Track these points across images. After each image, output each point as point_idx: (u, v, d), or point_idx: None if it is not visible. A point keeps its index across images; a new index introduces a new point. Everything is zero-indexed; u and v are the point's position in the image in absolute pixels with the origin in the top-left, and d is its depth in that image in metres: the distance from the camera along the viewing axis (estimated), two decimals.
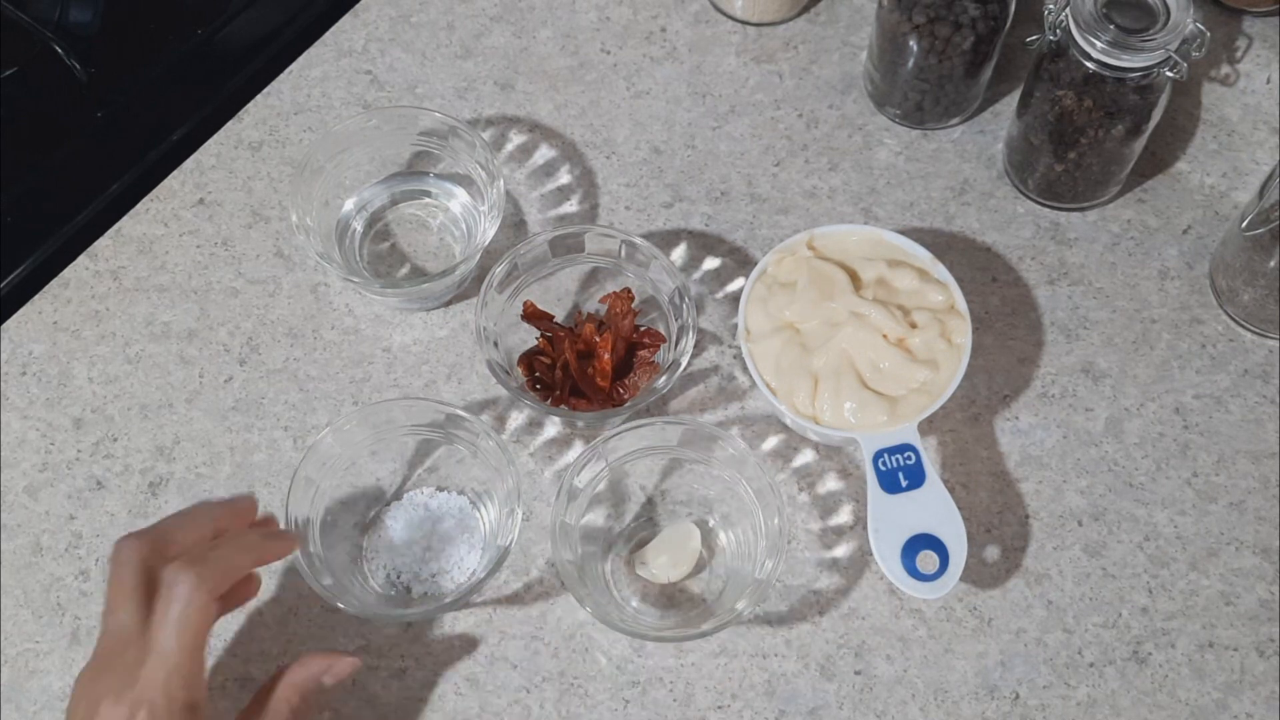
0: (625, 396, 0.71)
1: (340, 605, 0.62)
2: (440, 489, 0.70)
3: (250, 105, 0.81)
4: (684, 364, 0.68)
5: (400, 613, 0.66)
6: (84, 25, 0.81)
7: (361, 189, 0.77)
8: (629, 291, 0.72)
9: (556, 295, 0.74)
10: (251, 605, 0.68)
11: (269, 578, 0.68)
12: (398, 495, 0.70)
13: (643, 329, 0.72)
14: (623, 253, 0.72)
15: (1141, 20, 0.68)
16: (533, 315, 0.72)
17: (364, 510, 0.70)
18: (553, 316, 0.73)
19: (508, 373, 0.69)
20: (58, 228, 0.78)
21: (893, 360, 0.67)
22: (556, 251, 0.72)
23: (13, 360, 0.74)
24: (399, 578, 0.68)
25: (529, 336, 0.73)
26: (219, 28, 0.84)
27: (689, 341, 0.68)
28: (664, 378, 0.69)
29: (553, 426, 0.73)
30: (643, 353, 0.72)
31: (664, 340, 0.72)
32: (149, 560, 0.57)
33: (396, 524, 0.69)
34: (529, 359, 0.72)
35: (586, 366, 0.71)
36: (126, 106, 0.81)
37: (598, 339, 0.71)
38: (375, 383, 0.73)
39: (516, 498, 0.64)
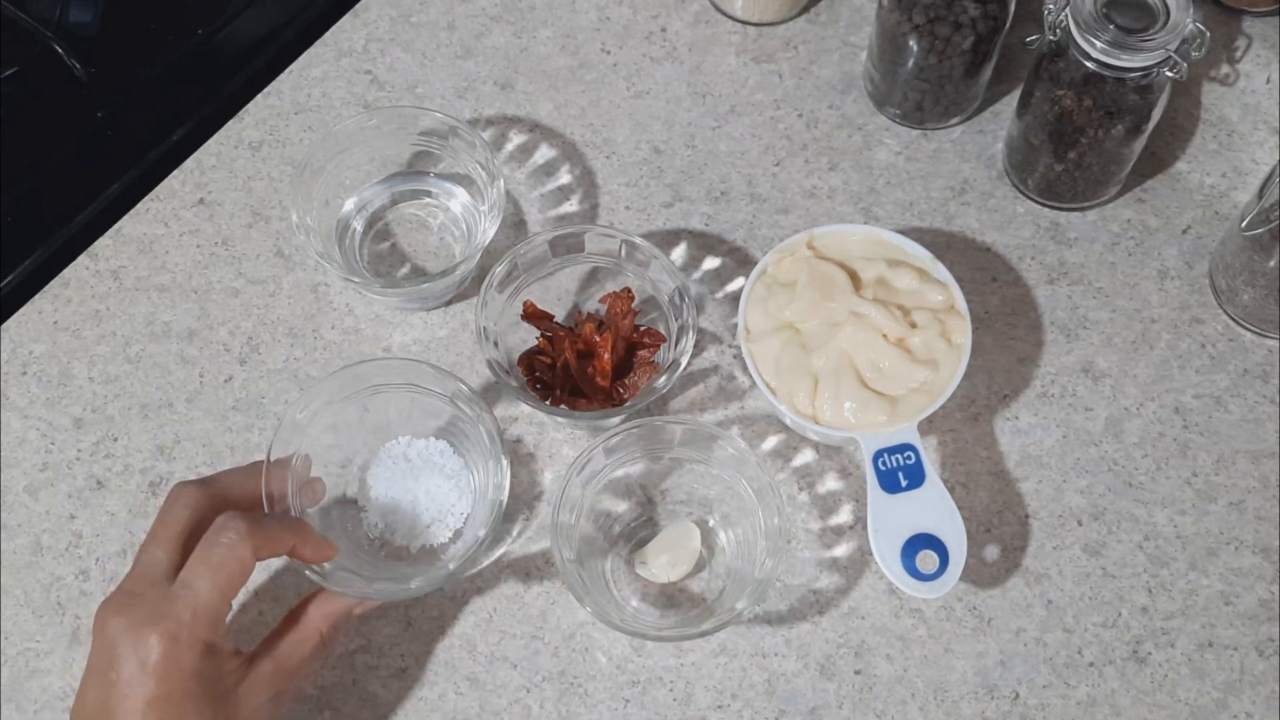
0: (625, 396, 0.71)
1: (344, 593, 0.61)
2: (417, 436, 0.70)
3: (250, 105, 0.81)
4: (684, 364, 0.68)
5: (407, 588, 0.64)
6: (84, 25, 0.81)
7: (362, 189, 0.77)
8: (629, 291, 0.72)
9: (556, 295, 0.74)
10: (251, 605, 0.68)
11: (266, 576, 0.69)
12: (374, 453, 0.69)
13: (643, 329, 0.72)
14: (623, 252, 0.72)
15: (1141, 20, 0.68)
16: (533, 315, 0.72)
17: (348, 477, 0.69)
18: (553, 316, 0.73)
19: (508, 372, 0.69)
20: (58, 228, 0.78)
21: (893, 360, 0.67)
22: (556, 251, 0.72)
23: (13, 360, 0.74)
24: (393, 535, 0.68)
25: (529, 336, 0.73)
26: (219, 28, 0.84)
27: (689, 341, 0.68)
28: (664, 377, 0.69)
29: (553, 426, 0.73)
30: (643, 352, 0.72)
31: (664, 340, 0.72)
32: (202, 509, 0.58)
33: (379, 482, 0.68)
34: (529, 359, 0.72)
35: (586, 366, 0.71)
36: (126, 106, 0.81)
37: (598, 339, 0.71)
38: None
39: (500, 447, 0.64)
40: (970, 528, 0.66)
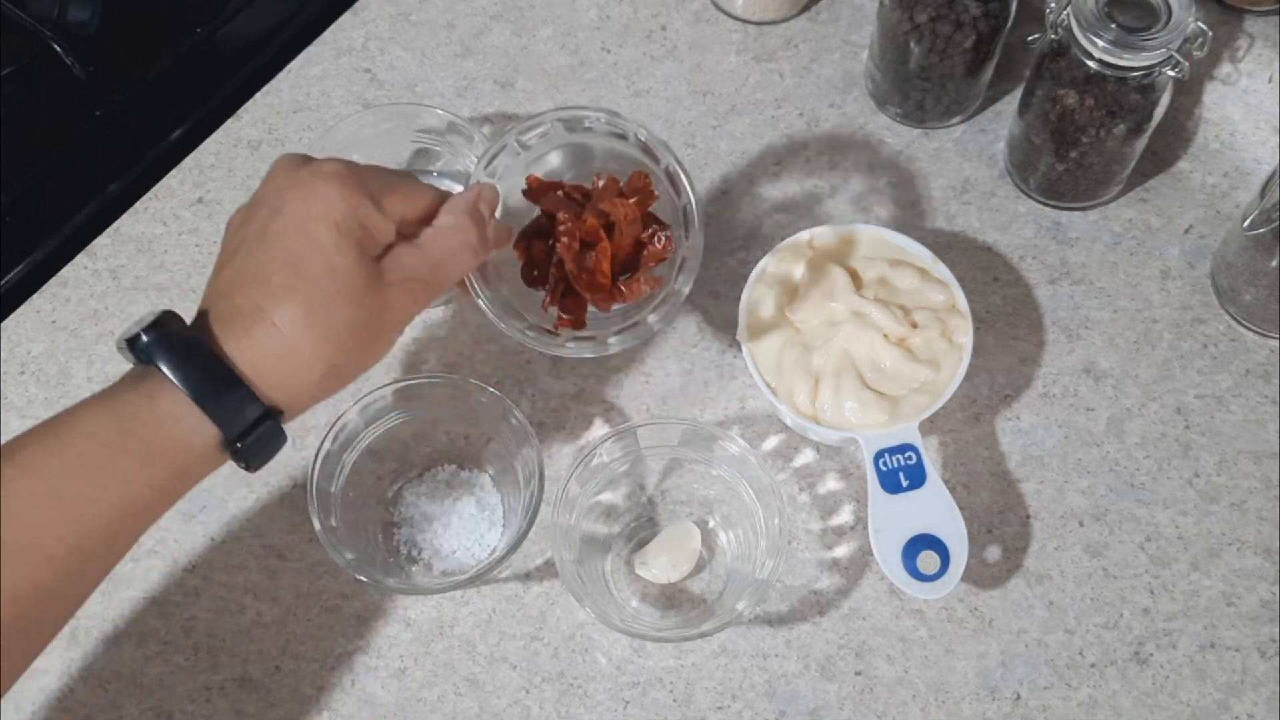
0: (626, 295, 0.64)
1: (362, 579, 0.63)
2: (462, 468, 0.70)
3: (249, 104, 0.81)
4: (684, 294, 0.63)
5: (421, 586, 0.66)
6: (83, 24, 0.81)
7: None
8: (648, 179, 0.65)
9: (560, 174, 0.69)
10: (250, 605, 0.68)
11: (267, 577, 0.68)
12: (420, 473, 0.70)
13: (650, 233, 0.65)
14: (635, 150, 0.65)
15: (1143, 19, 0.68)
16: (538, 190, 0.65)
17: (386, 487, 0.70)
18: (560, 186, 0.65)
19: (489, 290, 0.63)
20: (57, 227, 0.78)
21: (893, 360, 0.67)
22: (564, 131, 0.65)
23: (11, 359, 0.74)
24: (420, 554, 0.68)
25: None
26: (218, 27, 0.84)
27: (692, 270, 0.64)
28: (657, 315, 0.64)
29: (553, 426, 0.72)
30: (650, 249, 0.65)
31: (670, 242, 0.65)
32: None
33: (419, 501, 0.69)
34: (528, 241, 0.65)
35: (586, 259, 0.64)
36: (126, 106, 0.81)
37: (603, 235, 0.63)
38: (375, 382, 0.73)
39: (537, 475, 0.64)
40: (971, 528, 0.66)
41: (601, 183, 0.65)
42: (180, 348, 0.51)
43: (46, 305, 0.75)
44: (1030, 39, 0.72)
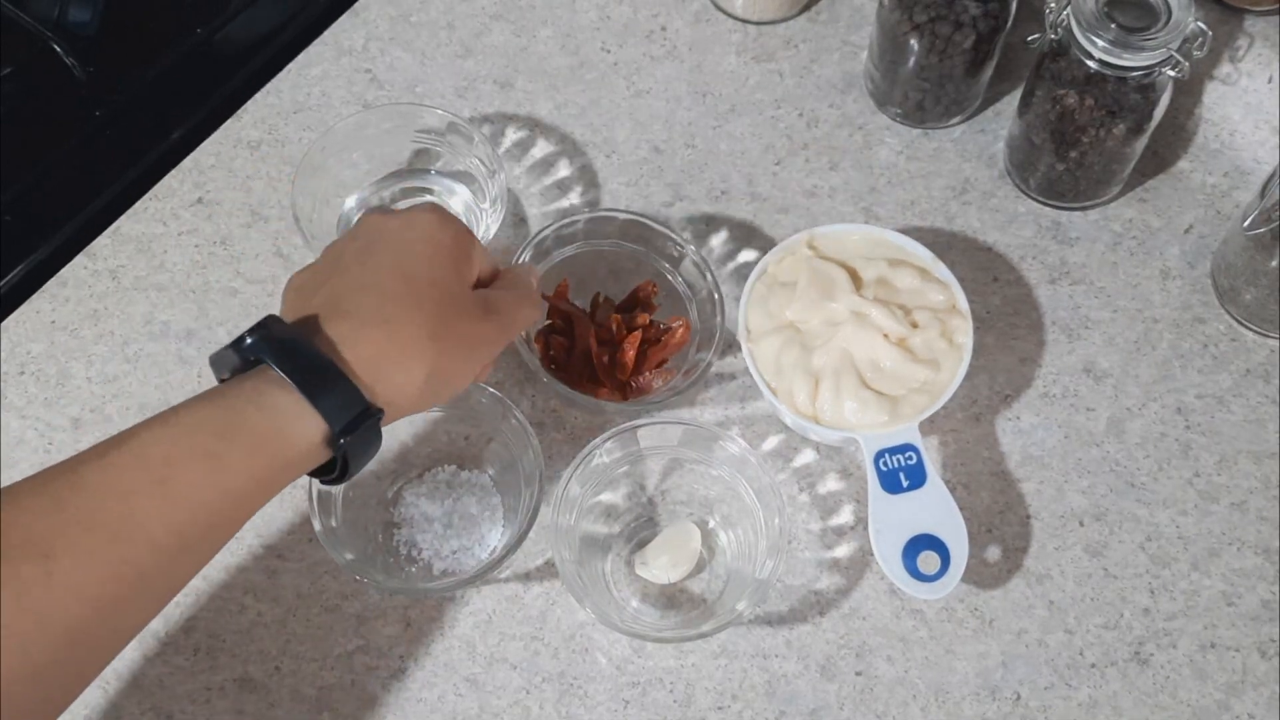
0: (637, 390, 0.71)
1: (362, 579, 0.63)
2: (463, 468, 0.70)
3: (249, 104, 0.81)
4: (712, 364, 0.69)
5: (421, 587, 0.66)
6: (83, 25, 0.81)
7: (362, 187, 0.77)
8: (653, 285, 0.73)
9: (578, 277, 0.74)
10: (251, 606, 0.68)
11: (267, 578, 0.68)
12: (420, 473, 0.70)
13: (661, 324, 0.73)
14: (657, 243, 0.73)
15: (1143, 19, 0.68)
16: (558, 295, 0.72)
17: (386, 487, 0.70)
18: (564, 296, 0.74)
19: (527, 343, 0.70)
20: (56, 227, 0.78)
21: (894, 360, 0.67)
22: (590, 234, 0.73)
23: (11, 359, 0.74)
24: (420, 554, 0.68)
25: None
26: (219, 27, 0.84)
27: (718, 345, 0.69)
28: (687, 379, 0.70)
29: (553, 426, 0.72)
30: (654, 348, 0.72)
31: (682, 342, 0.72)
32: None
33: (419, 501, 0.69)
34: (545, 337, 0.72)
35: (605, 354, 0.71)
36: (125, 106, 0.81)
37: (622, 331, 0.71)
38: None
39: (538, 475, 0.64)
40: (971, 528, 0.66)
41: (602, 300, 0.74)
42: (287, 344, 0.53)
43: (46, 305, 0.75)
44: (1030, 39, 0.72)
